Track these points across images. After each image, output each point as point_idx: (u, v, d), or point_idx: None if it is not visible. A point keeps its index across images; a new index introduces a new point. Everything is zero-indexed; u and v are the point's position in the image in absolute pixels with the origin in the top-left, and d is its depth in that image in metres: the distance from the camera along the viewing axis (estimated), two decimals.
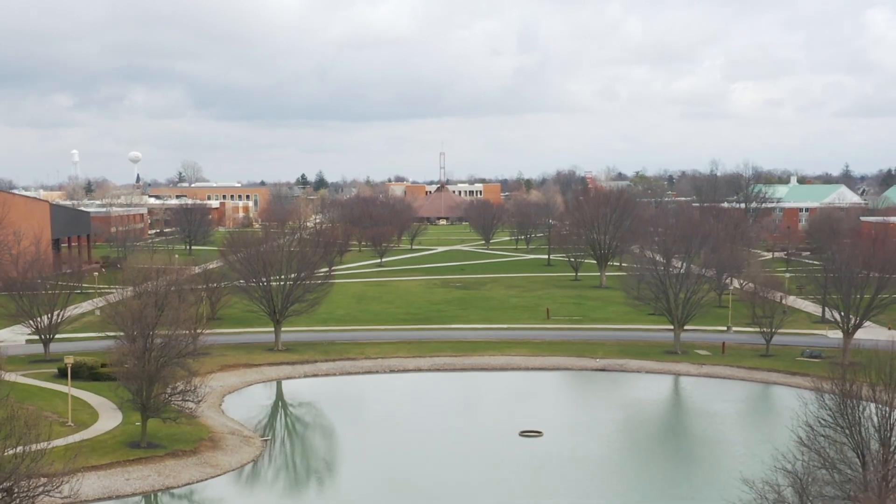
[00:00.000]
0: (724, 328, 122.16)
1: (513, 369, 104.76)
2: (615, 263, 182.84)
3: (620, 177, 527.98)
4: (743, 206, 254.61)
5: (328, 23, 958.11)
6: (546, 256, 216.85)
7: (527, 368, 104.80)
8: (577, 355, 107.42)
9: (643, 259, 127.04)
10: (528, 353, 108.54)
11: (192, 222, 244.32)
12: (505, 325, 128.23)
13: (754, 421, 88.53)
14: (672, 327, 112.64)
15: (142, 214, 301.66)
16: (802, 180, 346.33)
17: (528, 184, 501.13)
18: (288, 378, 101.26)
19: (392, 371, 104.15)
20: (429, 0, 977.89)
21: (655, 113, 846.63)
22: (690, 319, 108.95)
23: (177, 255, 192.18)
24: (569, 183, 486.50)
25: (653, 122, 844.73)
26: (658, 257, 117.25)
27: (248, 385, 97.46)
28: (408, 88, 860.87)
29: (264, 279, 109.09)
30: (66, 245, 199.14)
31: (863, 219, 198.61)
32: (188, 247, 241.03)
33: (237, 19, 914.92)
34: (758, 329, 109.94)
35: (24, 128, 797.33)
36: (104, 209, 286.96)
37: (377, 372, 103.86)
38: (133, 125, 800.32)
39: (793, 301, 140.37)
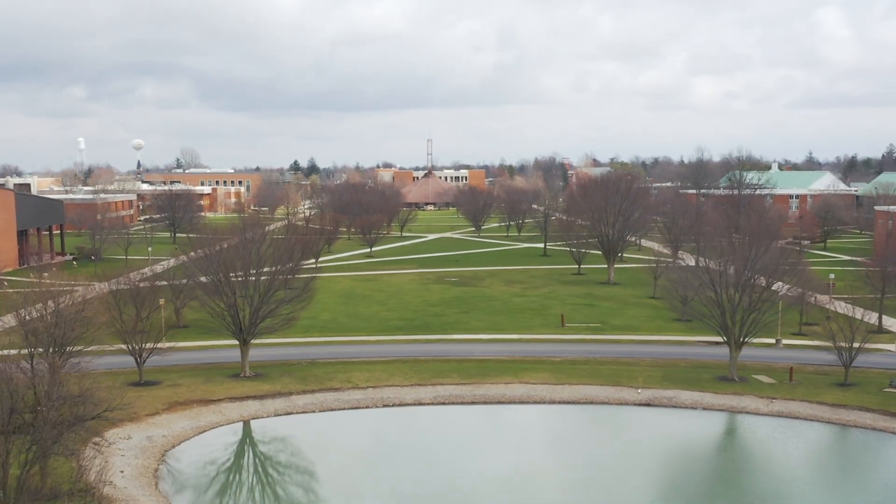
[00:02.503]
0: (773, 341, 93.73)
1: (535, 402, 75.70)
2: (620, 255, 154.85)
3: (596, 163, 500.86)
4: (735, 192, 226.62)
5: (325, 21, 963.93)
6: (541, 245, 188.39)
7: (552, 401, 75.77)
8: (613, 383, 78.44)
9: (682, 261, 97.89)
10: (552, 379, 79.57)
11: (176, 208, 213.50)
12: (515, 336, 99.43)
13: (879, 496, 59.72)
14: (717, 340, 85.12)
15: (131, 201, 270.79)
16: (781, 167, 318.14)
17: (511, 170, 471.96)
18: (255, 418, 71.86)
19: (386, 405, 74.95)
20: (418, 1, 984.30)
21: (623, 104, 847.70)
22: (751, 338, 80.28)
23: (150, 248, 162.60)
24: (550, 169, 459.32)
25: (620, 113, 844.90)
26: (706, 260, 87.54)
27: (201, 432, 67.92)
28: (397, 82, 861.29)
29: (222, 275, 79.36)
30: (37, 236, 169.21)
31: (877, 208, 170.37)
32: (173, 234, 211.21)
33: (240, 18, 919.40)
34: (815, 343, 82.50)
35: (41, 118, 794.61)
36: (91, 196, 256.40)
37: (367, 406, 74.60)
38: (142, 115, 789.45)
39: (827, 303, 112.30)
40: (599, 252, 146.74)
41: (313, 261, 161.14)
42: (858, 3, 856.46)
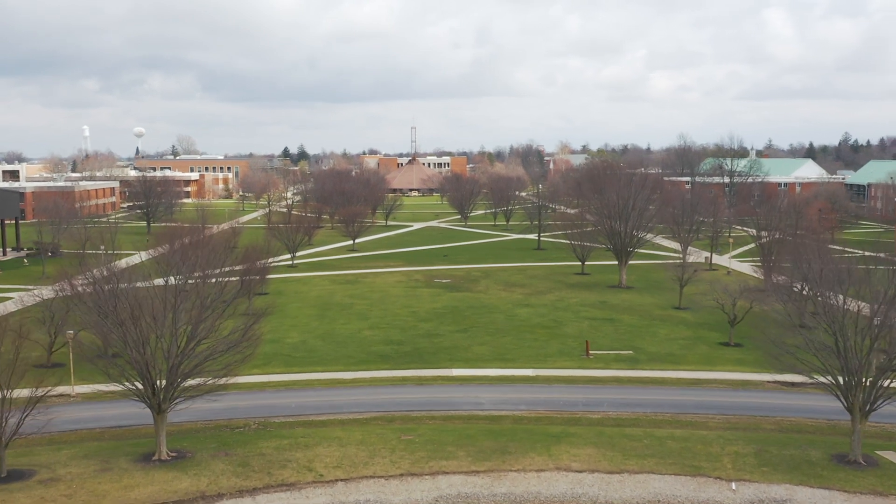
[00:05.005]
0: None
1: None
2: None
3: (571, 150, 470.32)
4: (727, 180, 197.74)
5: (319, 19, 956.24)
6: (533, 237, 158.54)
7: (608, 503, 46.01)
8: (691, 471, 48.20)
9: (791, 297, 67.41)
10: (600, 461, 49.39)
11: (151, 196, 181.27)
12: (530, 371, 69.46)
13: None
14: (793, 380, 55.54)
15: (113, 188, 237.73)
16: (759, 154, 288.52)
17: (491, 157, 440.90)
18: None
19: None
20: (404, 1, 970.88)
21: (587, 96, 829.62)
22: (882, 404, 50.37)
23: (102, 246, 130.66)
24: (527, 155, 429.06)
25: (584, 104, 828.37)
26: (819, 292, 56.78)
27: None
28: (384, 75, 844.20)
29: (126, 319, 48.54)
30: None
31: None
32: (148, 225, 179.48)
33: (241, 16, 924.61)
34: None
35: (57, 108, 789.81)
36: (69, 183, 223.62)
37: None
38: (150, 106, 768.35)
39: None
40: (601, 246, 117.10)
41: (289, 257, 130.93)
42: (800, 3, 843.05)
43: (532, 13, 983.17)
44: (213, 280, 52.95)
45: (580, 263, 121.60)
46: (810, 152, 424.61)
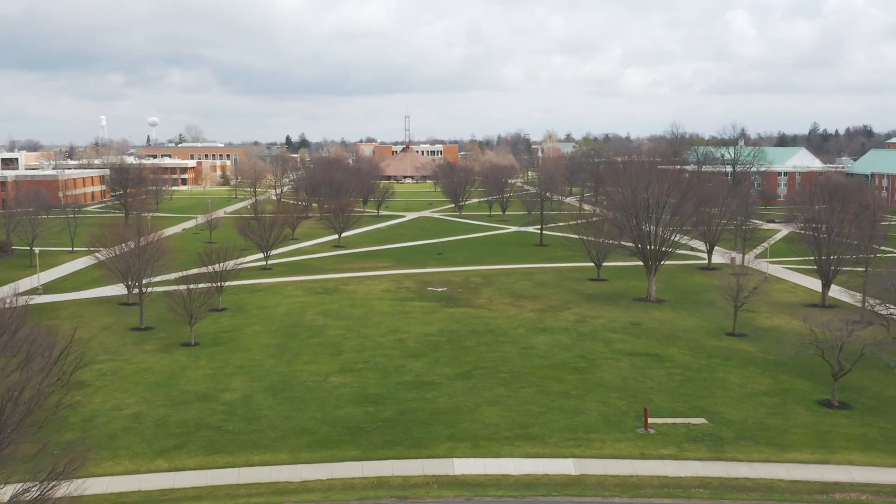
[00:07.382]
0: None
1: None
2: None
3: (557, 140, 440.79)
4: (728, 169, 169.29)
5: (323, 19, 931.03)
6: (532, 230, 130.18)
7: None
8: None
9: None
10: None
11: (127, 184, 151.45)
12: (570, 464, 40.99)
13: None
14: None
15: (102, 176, 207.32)
16: (748, 142, 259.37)
17: (482, 145, 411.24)
18: None
19: None
20: (401, 3, 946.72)
21: (567, 91, 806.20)
22: None
23: (37, 251, 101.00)
24: (516, 144, 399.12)
25: (565, 98, 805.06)
26: None
27: None
28: (382, 71, 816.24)
29: None
30: None
31: None
32: (125, 216, 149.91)
33: (253, 15, 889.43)
34: None
35: (85, 101, 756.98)
36: (54, 172, 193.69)
37: None
38: (170, 99, 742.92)
39: None
40: (615, 242, 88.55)
41: (261, 257, 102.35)
42: (762, 5, 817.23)
43: (519, 14, 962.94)
44: None
45: (593, 265, 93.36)
46: (782, 141, 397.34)
